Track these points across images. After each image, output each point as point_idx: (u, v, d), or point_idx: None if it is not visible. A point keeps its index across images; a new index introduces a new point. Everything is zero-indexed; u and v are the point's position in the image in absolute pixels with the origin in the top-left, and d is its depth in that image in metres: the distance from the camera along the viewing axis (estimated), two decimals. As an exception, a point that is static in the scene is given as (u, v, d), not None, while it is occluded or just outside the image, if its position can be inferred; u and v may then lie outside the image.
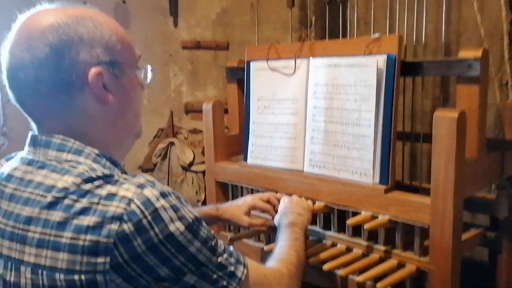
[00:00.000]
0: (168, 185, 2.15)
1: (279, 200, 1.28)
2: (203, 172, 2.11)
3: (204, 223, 0.75)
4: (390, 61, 1.18)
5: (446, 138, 1.05)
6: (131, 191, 0.68)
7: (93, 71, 0.74)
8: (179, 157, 2.15)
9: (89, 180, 0.70)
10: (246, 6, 2.17)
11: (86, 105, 0.76)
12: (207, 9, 2.17)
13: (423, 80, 1.43)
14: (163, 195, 0.70)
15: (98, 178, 0.70)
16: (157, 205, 0.68)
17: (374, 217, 1.20)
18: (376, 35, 1.21)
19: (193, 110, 2.21)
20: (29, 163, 0.76)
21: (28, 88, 0.74)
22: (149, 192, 0.69)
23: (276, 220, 1.20)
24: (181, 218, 0.70)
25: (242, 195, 1.57)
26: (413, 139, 1.40)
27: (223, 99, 1.69)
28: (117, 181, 0.70)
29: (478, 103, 1.11)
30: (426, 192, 1.22)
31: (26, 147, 0.79)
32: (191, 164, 2.15)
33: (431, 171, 1.09)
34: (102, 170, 0.72)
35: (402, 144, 1.45)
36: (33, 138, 0.78)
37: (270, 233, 1.47)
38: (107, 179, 0.70)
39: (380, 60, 1.19)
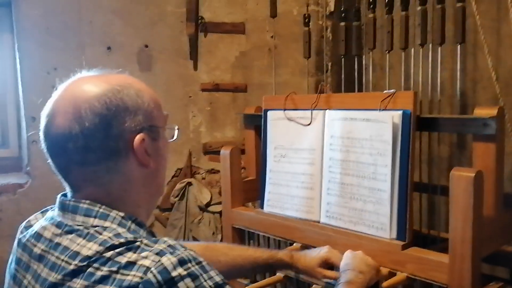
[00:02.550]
0: (185, 226, 2.17)
1: None
2: (220, 213, 2.12)
3: None
4: (405, 117, 1.20)
5: (463, 197, 1.05)
6: (150, 259, 0.69)
7: (138, 137, 0.77)
8: (197, 197, 2.17)
9: (112, 247, 0.71)
10: (264, 51, 2.22)
11: (128, 170, 0.79)
12: (227, 52, 2.24)
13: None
14: (182, 262, 0.69)
15: (121, 245, 0.72)
16: (174, 273, 0.68)
17: (392, 273, 1.19)
18: (391, 91, 1.23)
19: (211, 151, 2.25)
20: (58, 225, 0.79)
21: (76, 157, 0.76)
22: (167, 260, 0.69)
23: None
24: (198, 286, 0.69)
25: (258, 242, 1.58)
26: (431, 191, 1.39)
27: (240, 140, 1.72)
28: (138, 247, 0.71)
29: (495, 161, 1.11)
30: (444, 242, 1.21)
31: (56, 210, 0.82)
32: (208, 204, 2.17)
33: (449, 230, 1.09)
34: (126, 236, 0.74)
35: (419, 193, 1.45)
36: (62, 202, 0.81)
37: (286, 283, 1.47)
38: (129, 245, 0.72)
39: (396, 116, 1.21)
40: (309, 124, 1.42)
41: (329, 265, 1.21)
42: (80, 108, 0.75)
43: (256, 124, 1.65)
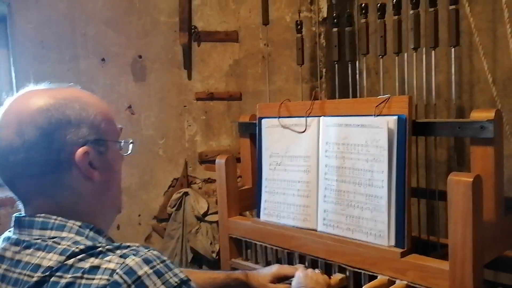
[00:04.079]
0: (182, 236, 2.15)
1: None
2: (218, 222, 2.10)
3: (192, 285, 0.74)
4: (401, 122, 1.18)
5: (462, 203, 1.02)
6: (114, 262, 0.69)
7: (79, 151, 0.77)
8: (194, 207, 2.14)
9: (72, 255, 0.71)
10: (258, 58, 2.21)
11: (73, 183, 0.78)
12: (220, 61, 2.22)
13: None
14: (146, 261, 0.70)
15: (81, 251, 0.71)
16: (140, 272, 0.68)
17: (391, 281, 1.16)
18: (386, 96, 1.21)
19: (207, 160, 2.23)
20: (16, 243, 0.78)
21: (18, 170, 0.76)
22: (132, 261, 0.69)
23: None
24: (165, 283, 0.70)
25: (256, 252, 1.56)
26: (429, 196, 1.37)
27: (236, 148, 1.70)
28: (100, 252, 0.71)
29: (494, 165, 1.09)
30: (444, 248, 1.19)
31: (12, 229, 0.81)
32: (205, 214, 2.14)
33: (448, 236, 1.06)
34: (85, 243, 0.74)
35: (417, 199, 1.43)
36: (17, 220, 0.80)
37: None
38: (90, 251, 0.71)
39: (391, 121, 1.19)
40: (303, 131, 1.40)
41: (281, 279, 1.27)
42: (22, 121, 0.75)
43: (251, 132, 1.63)
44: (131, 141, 0.89)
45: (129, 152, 0.89)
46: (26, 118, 0.75)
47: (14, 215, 0.82)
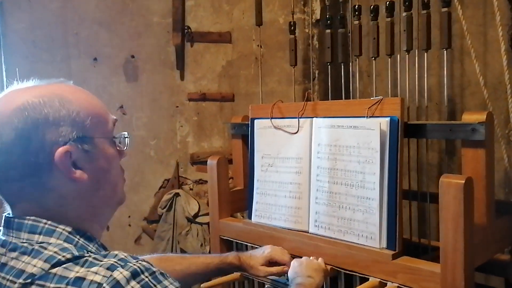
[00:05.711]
0: (172, 237, 2.13)
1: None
2: (209, 224, 2.08)
3: None
4: (393, 123, 1.18)
5: (453, 205, 1.02)
6: (100, 275, 0.66)
7: (59, 151, 0.72)
8: (184, 208, 2.13)
9: (58, 264, 0.68)
10: (251, 60, 2.21)
11: (57, 184, 0.74)
12: (213, 62, 2.22)
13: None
14: (135, 275, 0.67)
15: (67, 260, 0.69)
16: (127, 287, 0.66)
17: (382, 283, 1.16)
18: (378, 97, 1.21)
19: (198, 161, 2.22)
20: (3, 244, 0.75)
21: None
22: (119, 274, 0.66)
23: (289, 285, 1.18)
24: None
25: (247, 253, 1.55)
26: (421, 199, 1.37)
27: (228, 149, 1.69)
28: (86, 261, 0.68)
29: (485, 167, 1.09)
30: (436, 251, 1.19)
31: (2, 229, 0.78)
32: (196, 215, 2.13)
33: (440, 238, 1.06)
34: (72, 251, 0.70)
35: (409, 201, 1.42)
36: (7, 220, 0.77)
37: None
38: (76, 260, 0.69)
39: (383, 123, 1.19)
40: (296, 132, 1.40)
41: (273, 262, 1.28)
42: (0, 123, 0.72)
43: (243, 133, 1.62)
44: (125, 135, 0.84)
45: (126, 147, 0.84)
46: (3, 120, 0.72)
47: (4, 214, 0.79)
